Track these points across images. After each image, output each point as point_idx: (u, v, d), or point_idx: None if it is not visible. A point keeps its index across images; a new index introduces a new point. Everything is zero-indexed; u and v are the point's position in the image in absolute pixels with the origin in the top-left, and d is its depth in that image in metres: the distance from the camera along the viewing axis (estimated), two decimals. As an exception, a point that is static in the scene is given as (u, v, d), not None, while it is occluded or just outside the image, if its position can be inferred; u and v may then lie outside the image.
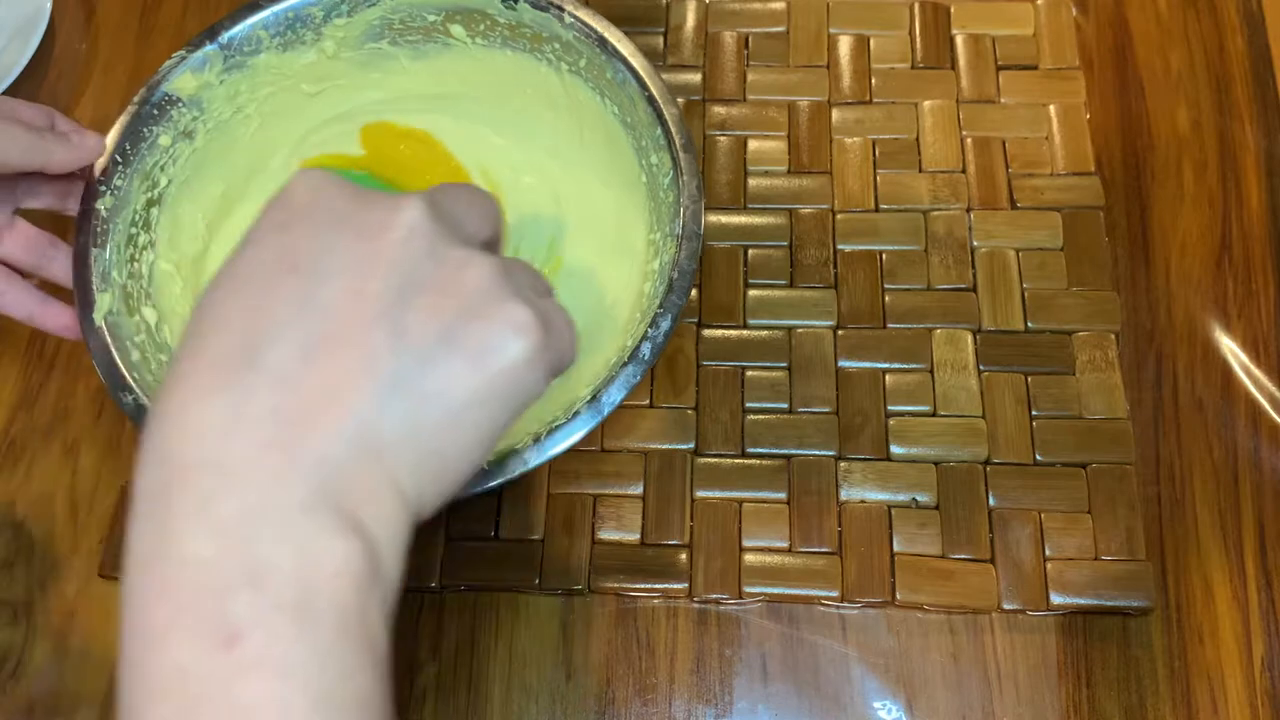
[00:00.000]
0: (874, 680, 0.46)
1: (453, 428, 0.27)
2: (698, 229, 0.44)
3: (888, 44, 0.59)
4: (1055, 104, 0.57)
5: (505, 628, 0.48)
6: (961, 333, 0.52)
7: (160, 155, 0.48)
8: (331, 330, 0.26)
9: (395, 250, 0.28)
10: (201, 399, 0.26)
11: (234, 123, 0.50)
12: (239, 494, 0.25)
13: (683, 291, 0.42)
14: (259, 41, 0.49)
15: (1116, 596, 0.47)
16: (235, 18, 0.48)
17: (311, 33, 0.50)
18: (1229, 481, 0.49)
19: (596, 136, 0.51)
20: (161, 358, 0.45)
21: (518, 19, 0.49)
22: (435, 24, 0.51)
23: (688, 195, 0.44)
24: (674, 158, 0.45)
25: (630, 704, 0.46)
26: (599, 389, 0.40)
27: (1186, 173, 0.56)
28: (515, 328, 0.28)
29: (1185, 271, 0.54)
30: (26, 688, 0.47)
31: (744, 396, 0.51)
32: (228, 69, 0.49)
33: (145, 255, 0.47)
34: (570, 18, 0.48)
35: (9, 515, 0.50)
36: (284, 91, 0.51)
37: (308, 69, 0.51)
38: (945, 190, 0.55)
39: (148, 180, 0.47)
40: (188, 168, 0.49)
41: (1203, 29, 0.59)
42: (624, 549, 0.48)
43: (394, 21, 0.50)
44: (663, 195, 0.46)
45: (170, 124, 0.48)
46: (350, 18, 0.50)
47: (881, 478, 0.49)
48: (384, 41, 0.51)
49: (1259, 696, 0.46)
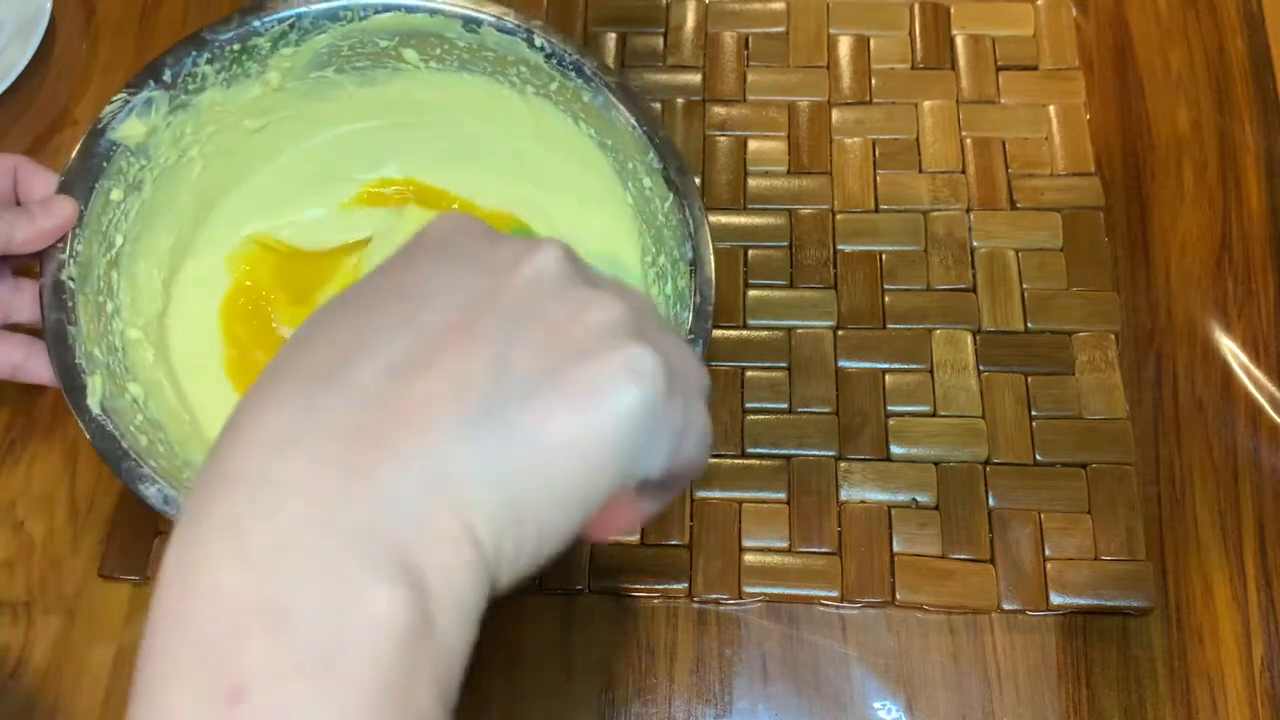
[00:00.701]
0: (874, 680, 0.46)
1: (544, 478, 0.23)
2: (708, 253, 0.43)
3: (888, 44, 0.59)
4: (1055, 104, 0.57)
5: (505, 628, 0.48)
6: (961, 333, 0.52)
7: (113, 212, 0.44)
8: (427, 354, 0.23)
9: (517, 286, 0.25)
10: (269, 409, 0.23)
11: (178, 168, 0.47)
12: (276, 517, 0.21)
13: (707, 316, 0.42)
14: (203, 78, 0.46)
15: (1116, 596, 0.47)
16: (178, 53, 0.45)
17: (257, 65, 0.47)
18: (1229, 481, 0.49)
19: (569, 159, 0.49)
20: (161, 436, 0.42)
21: (479, 42, 0.47)
22: (387, 49, 0.48)
23: (692, 218, 0.44)
24: (669, 180, 0.44)
25: (630, 704, 0.46)
26: None
27: (1186, 173, 0.56)
28: (631, 372, 0.24)
29: (1185, 271, 0.54)
30: (26, 688, 0.47)
31: (744, 397, 0.51)
32: (173, 110, 0.45)
33: (114, 325, 0.44)
34: (541, 40, 0.46)
35: (9, 515, 0.50)
36: (226, 130, 0.48)
37: (251, 104, 0.48)
38: (945, 190, 0.55)
39: (105, 241, 0.44)
40: (138, 223, 0.46)
41: (1203, 29, 0.59)
42: (624, 549, 0.48)
43: (343, 48, 0.48)
44: (662, 219, 0.45)
45: (119, 176, 0.44)
46: (298, 47, 0.47)
47: (881, 478, 0.49)
48: (330, 70, 0.49)
49: (1259, 696, 0.46)
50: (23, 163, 0.42)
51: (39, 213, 0.40)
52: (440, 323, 0.24)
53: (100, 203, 0.43)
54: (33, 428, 0.52)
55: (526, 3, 0.61)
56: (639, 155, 0.46)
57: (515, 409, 0.23)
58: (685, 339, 0.41)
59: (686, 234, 0.44)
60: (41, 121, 0.59)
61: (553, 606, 0.48)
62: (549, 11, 0.61)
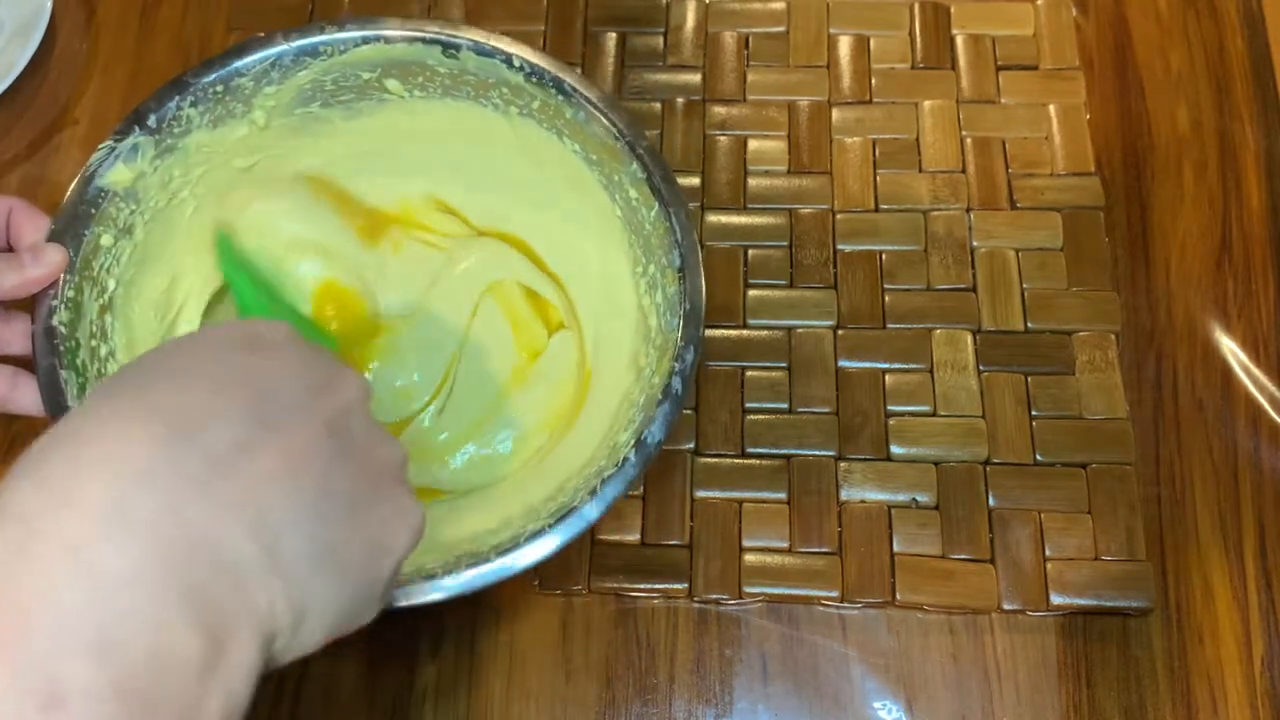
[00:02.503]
0: (874, 680, 0.46)
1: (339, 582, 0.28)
2: (696, 260, 0.43)
3: (888, 44, 0.59)
4: (1055, 104, 0.57)
5: (505, 628, 0.48)
6: (961, 333, 0.52)
7: (104, 256, 0.44)
8: (276, 444, 0.27)
9: (339, 407, 0.29)
10: (127, 443, 0.25)
11: (170, 209, 0.47)
12: (126, 551, 0.23)
13: (698, 322, 0.42)
14: (189, 121, 0.46)
15: (1116, 597, 0.47)
16: (161, 98, 0.45)
17: (242, 105, 0.47)
18: (1229, 481, 0.49)
19: (557, 176, 0.49)
20: None
21: (460, 67, 0.47)
22: (370, 81, 0.48)
23: (679, 225, 0.44)
24: (654, 188, 0.44)
25: (630, 704, 0.46)
26: (641, 430, 0.40)
27: (1186, 173, 0.56)
28: (410, 528, 0.30)
29: (1185, 271, 0.54)
30: (26, 688, 0.47)
31: (744, 396, 0.51)
32: (160, 154, 0.46)
33: (109, 368, 0.44)
34: (519, 61, 0.46)
35: (9, 515, 0.50)
36: (216, 169, 0.48)
37: (240, 143, 0.48)
38: (945, 190, 0.55)
39: (97, 286, 0.44)
40: (131, 266, 0.46)
41: (1203, 29, 0.59)
42: (624, 549, 0.48)
43: (326, 83, 0.48)
44: (649, 228, 0.45)
45: (109, 221, 0.44)
46: (281, 85, 0.47)
47: (881, 478, 0.49)
48: (315, 105, 0.48)
49: (1259, 697, 0.46)
50: (18, 205, 0.42)
51: (28, 260, 0.41)
52: (282, 421, 0.27)
53: (90, 248, 0.44)
54: (33, 428, 0.52)
55: (527, 4, 0.61)
56: (623, 166, 0.46)
57: (333, 521, 0.27)
58: None
59: (673, 241, 0.44)
60: (41, 121, 0.59)
61: (553, 606, 0.48)
62: (549, 12, 0.61)
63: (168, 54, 0.61)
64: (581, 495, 0.40)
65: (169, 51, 0.61)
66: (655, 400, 0.41)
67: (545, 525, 0.39)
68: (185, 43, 0.61)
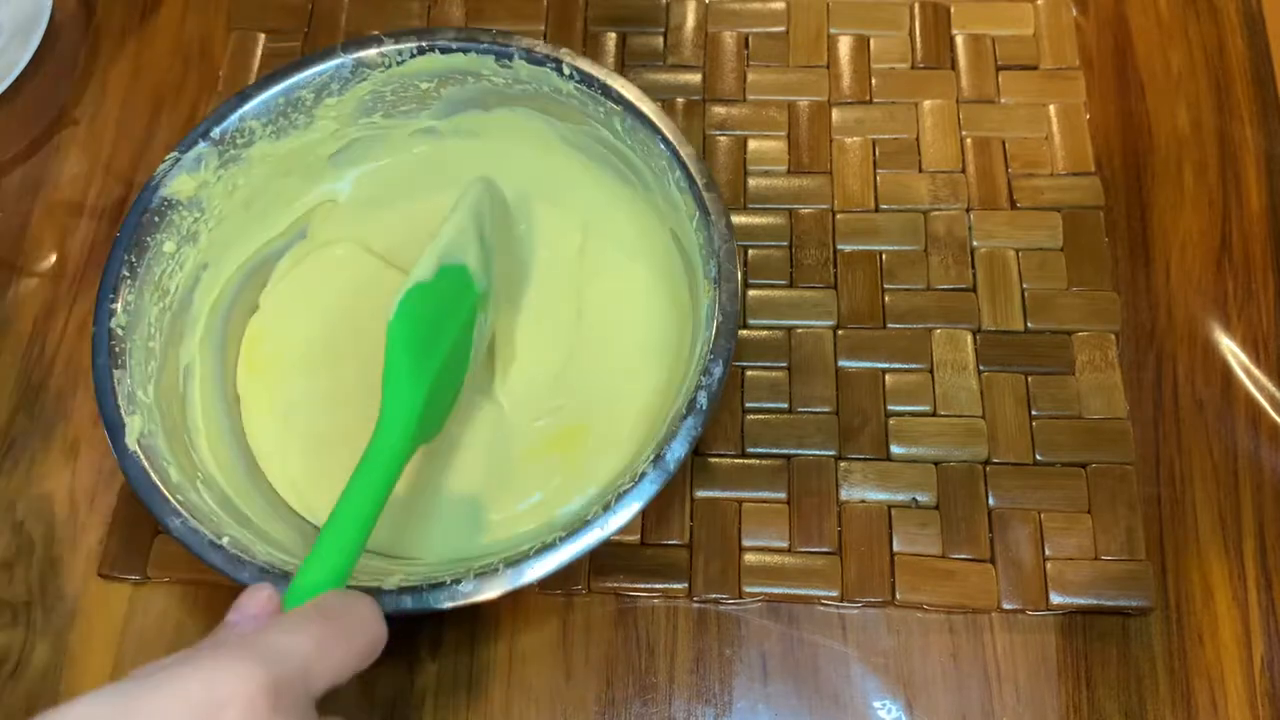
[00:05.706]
0: (874, 680, 0.46)
1: None
2: (733, 268, 0.43)
3: (888, 44, 0.59)
4: (1055, 104, 0.57)
5: (505, 628, 0.48)
6: (961, 333, 0.52)
7: (166, 262, 0.46)
8: None
9: None
10: None
11: (233, 211, 0.49)
12: None
13: (730, 334, 0.42)
14: (251, 133, 0.48)
15: (1116, 596, 0.47)
16: (224, 111, 0.47)
17: (304, 116, 0.49)
18: (1229, 481, 0.49)
19: (603, 184, 0.50)
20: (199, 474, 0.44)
21: (514, 76, 0.48)
22: (429, 91, 0.50)
23: (719, 235, 0.44)
24: (698, 198, 0.45)
25: (630, 704, 0.46)
26: (661, 445, 0.40)
27: (1186, 173, 0.56)
28: None
29: (1185, 271, 0.54)
30: (26, 688, 0.47)
31: (744, 396, 0.51)
32: (223, 164, 0.47)
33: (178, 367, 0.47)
34: (569, 69, 0.47)
35: (9, 515, 0.50)
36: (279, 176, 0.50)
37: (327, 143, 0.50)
38: (945, 190, 0.55)
39: (159, 290, 0.46)
40: (194, 271, 0.48)
41: (1203, 29, 0.59)
42: (624, 549, 0.48)
43: (385, 94, 0.49)
44: (692, 237, 0.45)
45: (173, 229, 0.46)
46: (341, 95, 0.49)
47: (881, 478, 0.49)
48: (377, 115, 0.50)
49: (1259, 697, 0.46)
50: None
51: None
52: None
53: (153, 254, 0.46)
54: (33, 428, 0.52)
55: (527, 4, 0.61)
56: (668, 174, 0.46)
57: None
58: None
59: (711, 251, 0.44)
60: (41, 121, 0.59)
61: (553, 606, 0.48)
62: (549, 12, 0.61)
63: (167, 54, 0.61)
64: (596, 509, 0.40)
65: (169, 52, 0.61)
66: (680, 414, 0.41)
67: (558, 538, 0.39)
68: (185, 43, 0.61)
